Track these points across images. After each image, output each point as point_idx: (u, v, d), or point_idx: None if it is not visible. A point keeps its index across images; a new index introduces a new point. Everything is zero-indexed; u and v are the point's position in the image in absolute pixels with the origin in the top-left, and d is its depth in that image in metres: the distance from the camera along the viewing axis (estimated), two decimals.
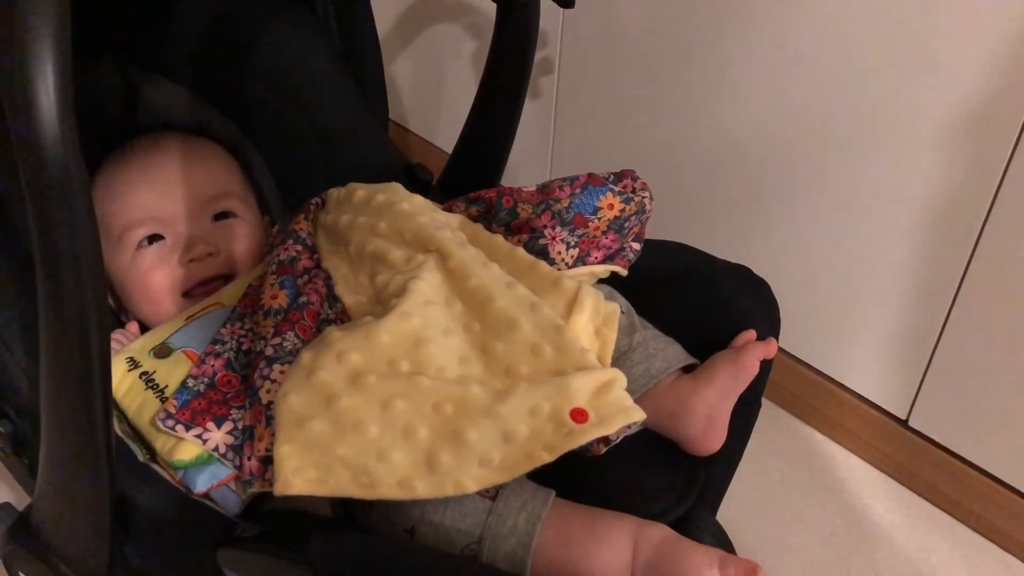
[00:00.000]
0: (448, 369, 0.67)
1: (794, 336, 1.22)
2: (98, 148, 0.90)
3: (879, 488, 1.20)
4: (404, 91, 1.60)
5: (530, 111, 1.37)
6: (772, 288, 0.87)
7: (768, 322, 0.84)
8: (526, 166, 1.43)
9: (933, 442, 1.14)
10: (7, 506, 0.77)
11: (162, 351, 0.77)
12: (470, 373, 0.68)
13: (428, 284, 0.71)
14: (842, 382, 1.21)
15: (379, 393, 0.65)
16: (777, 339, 0.83)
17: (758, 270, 0.88)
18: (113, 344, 0.80)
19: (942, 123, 0.97)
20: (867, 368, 1.18)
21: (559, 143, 1.38)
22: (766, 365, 0.81)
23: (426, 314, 0.69)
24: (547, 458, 0.64)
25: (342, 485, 0.63)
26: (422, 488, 0.63)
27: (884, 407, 1.18)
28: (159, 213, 0.85)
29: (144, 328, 0.84)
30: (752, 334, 0.82)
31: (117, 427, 0.74)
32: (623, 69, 1.23)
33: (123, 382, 0.75)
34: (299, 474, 0.63)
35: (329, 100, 0.98)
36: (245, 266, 0.86)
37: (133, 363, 0.76)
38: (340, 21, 0.98)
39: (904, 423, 1.16)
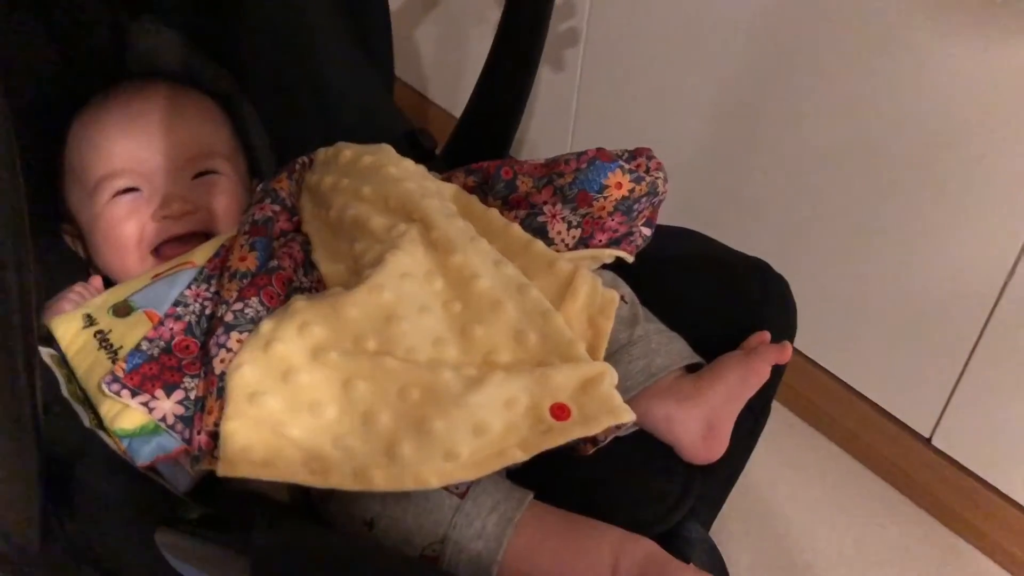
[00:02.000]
0: (419, 351, 0.61)
1: (815, 339, 1.15)
2: (81, 89, 0.85)
3: (895, 508, 1.12)
4: (426, 58, 1.54)
5: (552, 84, 1.30)
6: (791, 287, 0.79)
7: (784, 324, 0.78)
8: (545, 142, 1.37)
9: (956, 464, 1.07)
10: None
11: (122, 309, 0.71)
12: (444, 357, 0.62)
13: (407, 256, 0.65)
14: (864, 393, 1.14)
15: (341, 371, 0.59)
16: (793, 342, 0.77)
17: (778, 266, 0.81)
18: (73, 297, 0.75)
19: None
20: (892, 380, 1.11)
21: (581, 120, 1.31)
22: (778, 371, 0.75)
23: (401, 288, 0.63)
24: (520, 457, 0.58)
25: (292, 470, 0.58)
26: (379, 479, 0.57)
27: (907, 423, 1.11)
28: (137, 165, 0.79)
29: (109, 285, 0.79)
30: (766, 336, 0.75)
31: (65, 388, 0.69)
32: (654, 44, 1.16)
33: (76, 340, 0.69)
34: (245, 454, 0.58)
35: (330, 56, 0.92)
36: (225, 226, 0.80)
37: (89, 320, 0.70)
38: None
39: (927, 441, 1.09)
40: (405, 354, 0.61)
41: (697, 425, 0.70)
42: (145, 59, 0.89)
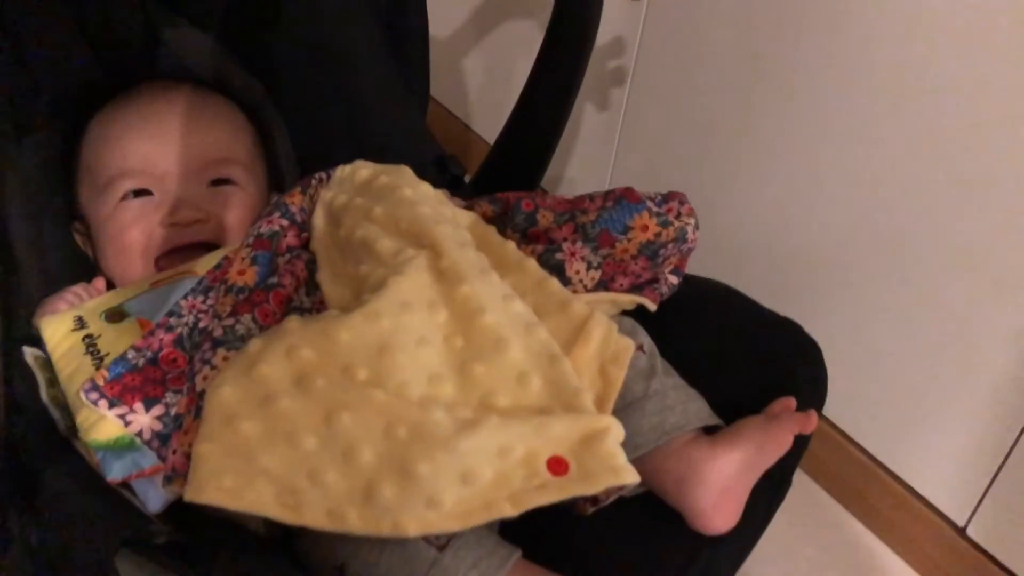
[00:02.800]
0: (412, 386, 0.57)
1: (849, 412, 1.09)
2: (111, 88, 0.83)
3: None
4: (472, 88, 1.51)
5: (595, 123, 1.27)
6: (824, 353, 0.74)
7: (812, 391, 0.73)
8: (583, 181, 1.33)
9: (991, 557, 1.00)
10: None
11: (115, 315, 0.69)
12: (438, 395, 0.57)
13: (411, 283, 0.61)
14: (897, 473, 1.08)
15: (325, 401, 0.55)
16: (820, 412, 0.72)
17: (812, 329, 0.76)
18: (70, 298, 0.73)
19: None
20: (927, 463, 1.04)
21: (621, 160, 1.27)
22: (803, 441, 0.69)
23: (400, 317, 0.59)
24: (509, 512, 0.54)
25: (262, 502, 0.54)
26: (355, 520, 0.53)
27: (941, 509, 1.04)
28: (151, 167, 0.77)
29: (112, 288, 0.76)
30: (791, 402, 0.70)
31: (45, 392, 0.66)
32: (701, 91, 1.12)
33: (63, 342, 0.66)
34: (214, 480, 0.54)
35: (364, 72, 0.89)
36: (236, 239, 0.77)
37: (80, 323, 0.68)
38: None
39: (962, 531, 1.02)
40: (397, 388, 0.56)
41: (709, 492, 0.65)
42: (176, 62, 0.87)
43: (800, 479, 1.00)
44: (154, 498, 0.62)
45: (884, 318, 1.03)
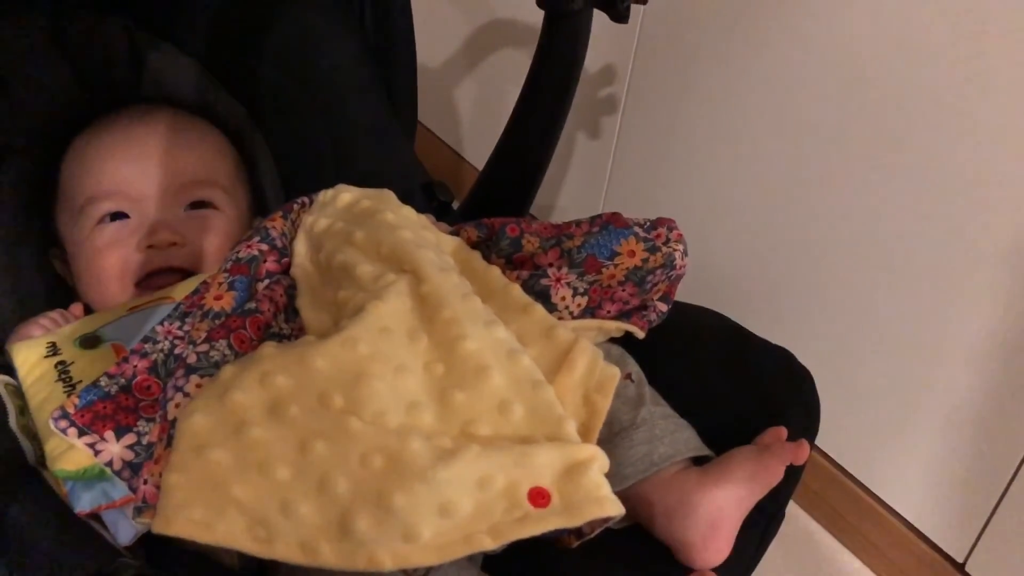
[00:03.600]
0: (390, 414, 0.55)
1: (844, 442, 1.07)
2: (92, 111, 0.82)
3: None
4: (463, 117, 1.51)
5: (587, 151, 1.26)
6: (816, 382, 0.73)
7: (804, 421, 0.71)
8: (575, 209, 1.32)
9: None
10: None
11: (90, 341, 0.67)
12: (417, 423, 0.56)
13: (390, 309, 0.60)
14: (893, 507, 1.06)
15: (299, 430, 0.54)
16: (813, 442, 0.70)
17: (805, 358, 0.74)
18: (45, 323, 0.72)
19: None
20: (925, 496, 1.02)
21: (614, 188, 1.26)
22: (795, 472, 0.68)
23: (378, 344, 0.57)
24: (489, 545, 0.52)
25: (233, 535, 0.52)
26: (328, 554, 0.51)
27: (939, 545, 1.02)
28: (128, 189, 0.75)
29: (89, 314, 0.74)
30: (782, 432, 0.68)
31: (15, 420, 0.64)
32: (694, 119, 1.11)
33: (35, 369, 0.65)
34: (183, 511, 0.52)
35: (349, 98, 0.88)
36: (213, 263, 0.75)
37: (53, 349, 0.66)
38: (376, 16, 0.88)
39: (960, 567, 1.00)
40: (373, 417, 0.55)
41: (699, 524, 0.64)
42: (159, 86, 0.86)
43: (794, 512, 0.98)
44: (124, 530, 0.60)
45: (881, 348, 1.01)
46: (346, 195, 0.72)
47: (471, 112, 1.49)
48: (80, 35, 0.82)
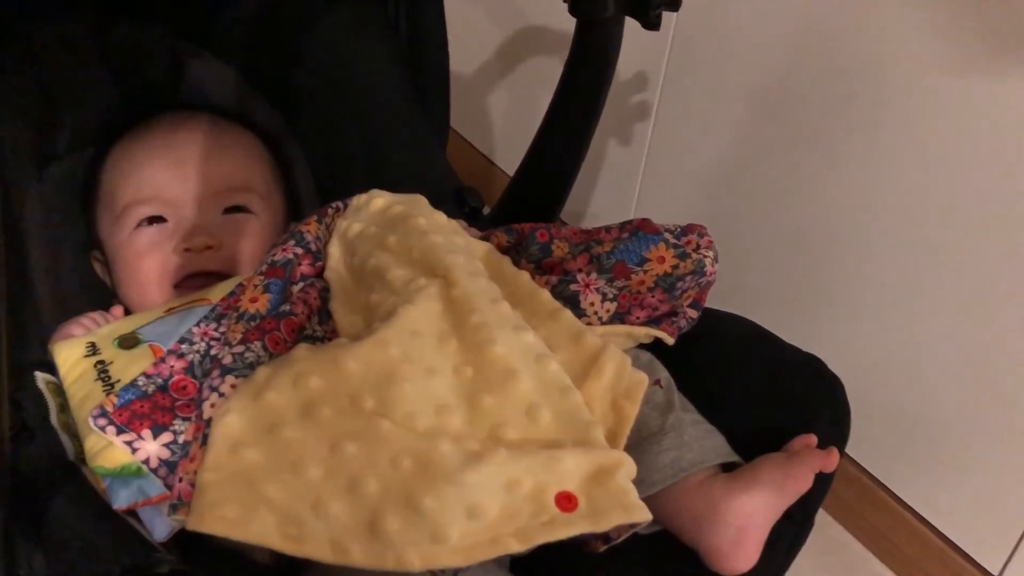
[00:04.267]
0: (419, 416, 0.56)
1: (876, 451, 1.06)
2: (132, 117, 0.84)
3: None
4: (496, 124, 1.52)
5: (618, 157, 1.27)
6: (847, 390, 0.72)
7: (834, 429, 0.71)
8: (606, 215, 1.32)
9: None
10: None
11: (128, 341, 0.68)
12: (446, 426, 0.56)
13: (421, 312, 0.60)
14: (926, 517, 1.04)
15: (331, 430, 0.55)
16: (843, 449, 0.69)
17: (835, 366, 0.74)
18: (86, 323, 0.73)
19: None
20: (959, 507, 1.01)
21: (645, 195, 1.26)
22: (824, 479, 0.67)
23: (409, 346, 0.58)
24: (516, 547, 0.52)
25: (265, 532, 0.53)
26: (357, 554, 0.52)
27: (974, 557, 1.00)
28: (166, 194, 0.77)
29: (128, 315, 0.76)
30: (812, 439, 0.68)
31: (55, 417, 0.66)
32: (727, 127, 1.11)
33: (75, 368, 0.66)
34: (217, 509, 0.53)
35: (383, 104, 0.90)
36: (249, 267, 0.77)
37: (93, 349, 0.68)
38: (410, 23, 0.90)
39: None
40: (403, 419, 0.55)
41: (727, 530, 0.64)
42: (198, 93, 0.88)
43: (824, 520, 0.97)
44: (160, 527, 0.61)
45: (914, 358, 1.00)
46: (379, 200, 0.73)
47: (503, 118, 1.50)
48: (121, 42, 0.84)
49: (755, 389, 0.73)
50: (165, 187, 0.77)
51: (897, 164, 0.94)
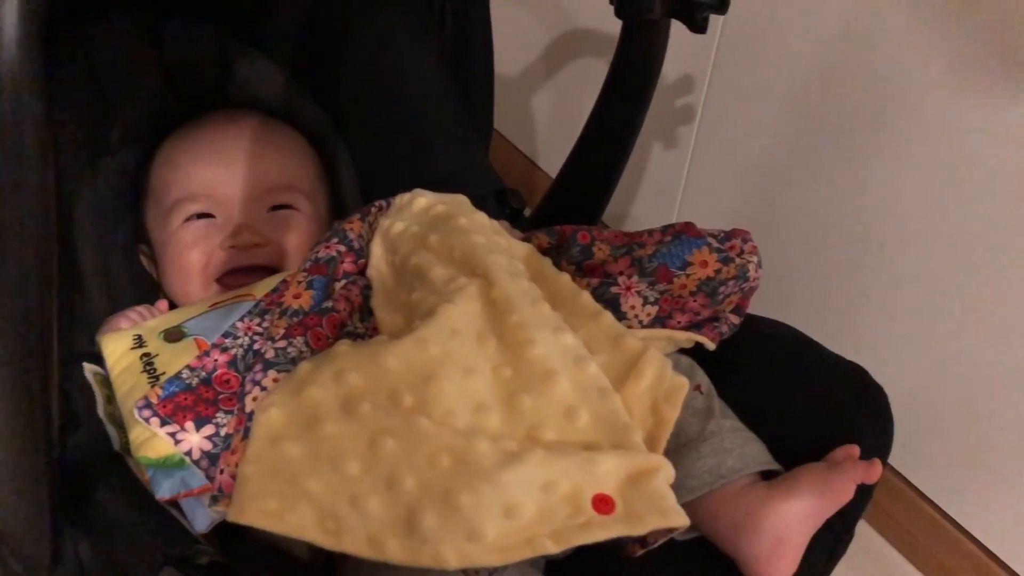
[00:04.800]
0: (458, 415, 0.56)
1: (921, 464, 1.04)
2: (181, 114, 0.85)
3: None
4: (539, 126, 1.52)
5: (662, 160, 1.26)
6: (891, 400, 0.71)
7: (877, 439, 0.70)
8: (648, 218, 1.32)
9: None
10: None
11: (174, 335, 0.69)
12: (484, 425, 0.56)
13: (461, 312, 0.61)
14: (970, 531, 1.02)
15: (370, 426, 0.55)
16: (885, 461, 0.68)
17: (881, 376, 0.72)
18: (132, 316, 0.75)
19: None
20: (1004, 522, 0.98)
21: (688, 198, 1.25)
22: (866, 490, 0.66)
23: (448, 345, 0.59)
24: (552, 548, 0.52)
25: (304, 526, 0.53)
26: (394, 549, 0.52)
27: (1018, 572, 0.98)
28: (214, 192, 0.78)
29: (173, 308, 0.77)
30: (855, 450, 0.67)
31: (102, 408, 0.67)
32: (772, 132, 1.10)
33: (122, 360, 0.67)
34: (257, 501, 0.54)
35: (428, 105, 0.90)
36: (294, 264, 0.78)
37: (139, 341, 0.69)
38: (456, 24, 0.90)
39: None
40: (442, 417, 0.56)
41: (765, 539, 0.63)
42: (246, 91, 0.89)
43: (865, 531, 0.95)
44: (201, 518, 0.62)
45: (960, 369, 0.98)
46: (422, 199, 0.74)
47: (546, 120, 1.50)
48: (173, 40, 0.85)
49: (797, 397, 0.72)
50: (214, 185, 0.78)
51: (939, 168, 0.93)
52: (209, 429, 0.61)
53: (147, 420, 0.61)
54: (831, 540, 0.68)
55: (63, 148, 0.76)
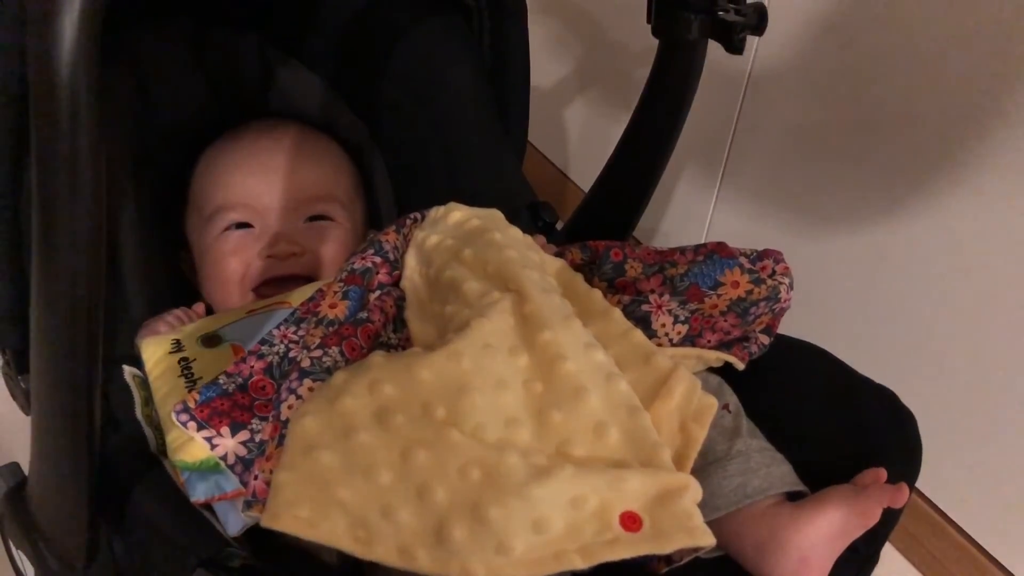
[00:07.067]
0: (489, 428, 0.57)
1: (947, 487, 1.03)
2: (224, 123, 0.87)
3: None
4: (571, 138, 1.52)
5: (694, 176, 1.26)
6: (921, 424, 0.71)
7: (905, 463, 0.70)
8: (678, 234, 1.32)
9: None
10: (14, 467, 0.73)
11: (211, 340, 0.71)
12: (514, 439, 0.57)
13: (494, 326, 0.61)
14: (999, 560, 1.01)
15: (402, 437, 0.56)
16: (913, 485, 0.68)
17: (910, 399, 0.72)
18: (171, 320, 0.76)
19: None
20: None
21: (719, 215, 1.25)
22: (893, 514, 0.66)
23: (481, 359, 0.59)
24: (579, 564, 0.53)
25: (336, 534, 0.54)
26: (424, 560, 0.53)
27: None
28: (254, 202, 0.80)
29: (211, 314, 0.79)
30: (882, 474, 0.67)
31: (139, 410, 0.69)
32: (805, 151, 1.10)
33: (160, 363, 0.69)
34: (291, 508, 0.54)
35: (465, 117, 0.91)
36: (330, 273, 0.79)
37: (177, 346, 0.70)
38: (493, 38, 0.91)
39: None
40: (473, 430, 0.57)
41: (788, 560, 0.63)
42: (286, 100, 0.91)
43: (890, 554, 0.95)
44: (234, 521, 0.63)
45: (988, 391, 0.98)
46: (457, 213, 0.75)
47: (580, 134, 1.50)
48: (216, 49, 0.87)
49: (825, 419, 0.72)
50: (254, 195, 0.80)
51: (974, 194, 0.92)
52: (244, 435, 0.62)
53: (184, 424, 0.62)
54: (856, 563, 0.67)
55: (109, 154, 0.78)
